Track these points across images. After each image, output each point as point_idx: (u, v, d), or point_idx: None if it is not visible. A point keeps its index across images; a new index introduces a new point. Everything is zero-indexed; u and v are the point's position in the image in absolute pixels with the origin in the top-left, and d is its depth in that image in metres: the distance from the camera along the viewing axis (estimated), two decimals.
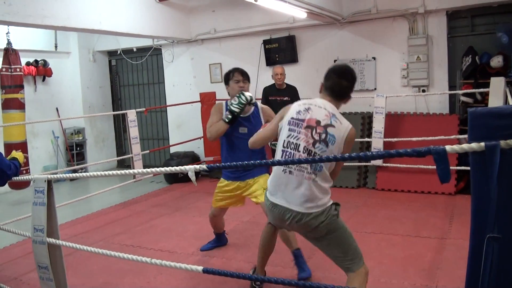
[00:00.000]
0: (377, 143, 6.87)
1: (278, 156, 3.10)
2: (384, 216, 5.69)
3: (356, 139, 7.09)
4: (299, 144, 3.00)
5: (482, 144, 1.79)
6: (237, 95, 4.06)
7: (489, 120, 1.82)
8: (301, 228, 3.09)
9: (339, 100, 3.18)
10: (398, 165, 6.74)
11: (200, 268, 2.51)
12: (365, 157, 2.08)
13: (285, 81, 7.02)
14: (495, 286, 1.80)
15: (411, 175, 6.63)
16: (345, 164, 7.13)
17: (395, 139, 6.82)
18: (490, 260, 1.80)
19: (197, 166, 2.53)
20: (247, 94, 4.07)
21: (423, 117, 6.97)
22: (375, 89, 7.50)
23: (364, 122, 7.38)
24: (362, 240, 4.82)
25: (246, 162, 3.25)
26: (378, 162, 6.95)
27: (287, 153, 3.04)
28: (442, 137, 6.09)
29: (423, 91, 7.08)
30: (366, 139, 7.19)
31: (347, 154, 2.01)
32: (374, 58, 7.50)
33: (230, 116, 4.04)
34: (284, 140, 3.07)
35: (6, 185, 7.06)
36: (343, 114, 7.43)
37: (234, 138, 4.24)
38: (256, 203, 4.23)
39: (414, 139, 6.43)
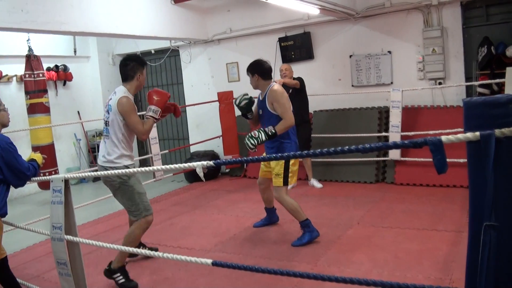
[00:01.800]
0: (394, 137, 6.85)
1: None
2: (401, 210, 5.68)
3: (373, 134, 7.16)
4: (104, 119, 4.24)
5: (477, 133, 1.80)
6: None
7: (484, 109, 1.84)
8: (104, 180, 4.19)
9: (125, 82, 4.23)
10: (416, 159, 6.71)
11: (209, 261, 2.57)
12: (364, 149, 2.09)
13: (294, 76, 7.01)
14: (494, 273, 1.82)
15: (429, 169, 6.56)
16: (363, 159, 7.15)
17: (413, 133, 6.79)
18: (488, 248, 1.82)
19: (204, 162, 2.60)
20: (239, 96, 4.89)
21: (440, 109, 6.93)
22: (392, 83, 7.47)
23: (381, 116, 7.36)
24: (378, 235, 4.87)
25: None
26: (396, 157, 6.93)
27: None
28: (460, 129, 6.04)
29: (440, 83, 7.03)
30: (384, 134, 7.17)
31: (344, 147, 2.04)
32: (389, 52, 7.47)
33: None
34: None
35: (36, 185, 7.36)
36: (360, 108, 7.51)
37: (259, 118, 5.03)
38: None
39: (431, 132, 6.39)
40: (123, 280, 4.12)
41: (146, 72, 4.39)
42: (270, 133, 4.56)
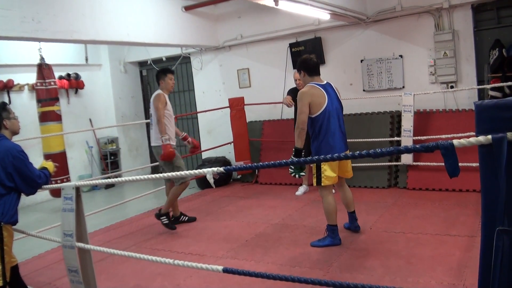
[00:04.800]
0: (406, 141, 6.80)
1: None
2: (414, 215, 5.63)
3: (385, 139, 7.12)
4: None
5: (489, 137, 1.78)
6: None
7: (495, 112, 1.81)
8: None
9: (159, 86, 6.00)
10: (429, 163, 6.66)
11: (220, 268, 2.57)
12: (375, 154, 2.08)
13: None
14: (507, 279, 1.79)
15: (442, 173, 6.51)
16: (375, 164, 7.11)
17: (425, 137, 6.74)
18: (501, 253, 1.79)
19: (214, 169, 2.60)
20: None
21: (453, 113, 6.87)
22: (403, 87, 7.42)
23: (393, 121, 7.32)
24: (391, 240, 4.83)
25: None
26: (409, 161, 6.88)
27: None
28: (472, 133, 5.98)
29: (451, 87, 6.97)
30: (396, 138, 7.12)
31: (356, 152, 2.03)
32: (401, 56, 7.43)
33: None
34: None
35: (48, 193, 7.43)
36: (372, 113, 7.47)
37: None
38: None
39: (443, 136, 6.35)
40: (166, 221, 5.96)
41: (173, 77, 6.06)
42: (293, 150, 4.72)
